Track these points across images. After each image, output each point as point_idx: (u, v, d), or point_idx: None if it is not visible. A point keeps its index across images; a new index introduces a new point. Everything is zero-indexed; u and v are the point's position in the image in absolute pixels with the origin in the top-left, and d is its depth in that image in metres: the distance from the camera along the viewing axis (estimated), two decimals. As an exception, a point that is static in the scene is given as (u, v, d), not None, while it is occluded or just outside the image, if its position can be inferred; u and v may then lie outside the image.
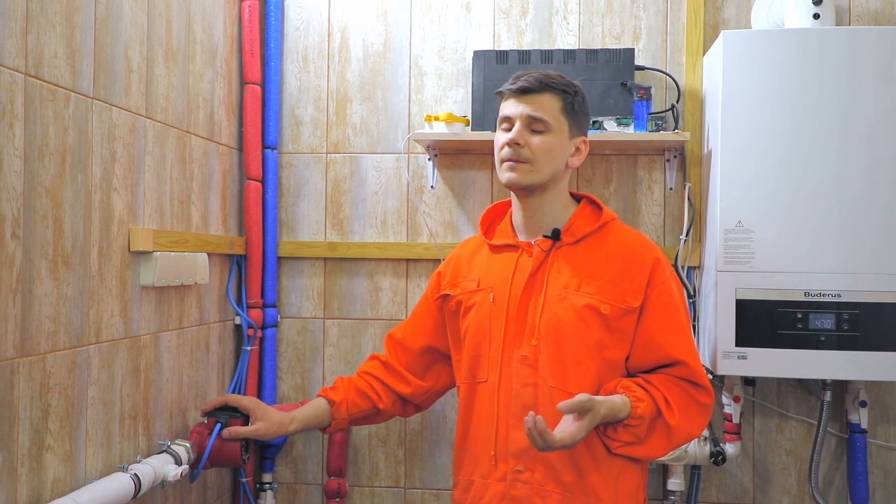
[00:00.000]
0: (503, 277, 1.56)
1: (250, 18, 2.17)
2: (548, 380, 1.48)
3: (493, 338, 1.54)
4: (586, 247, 1.55)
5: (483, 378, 1.55)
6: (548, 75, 1.53)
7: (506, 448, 1.49)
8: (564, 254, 1.54)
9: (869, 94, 1.86)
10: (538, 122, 1.51)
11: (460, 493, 1.58)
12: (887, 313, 1.85)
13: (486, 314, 1.56)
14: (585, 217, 1.59)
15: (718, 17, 2.17)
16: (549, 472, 1.46)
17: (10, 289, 1.27)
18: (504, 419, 1.50)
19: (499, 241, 1.63)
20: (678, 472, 2.10)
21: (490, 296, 1.56)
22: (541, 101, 1.51)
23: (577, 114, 1.56)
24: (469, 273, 1.65)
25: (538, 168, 1.51)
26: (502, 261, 1.60)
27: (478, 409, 1.56)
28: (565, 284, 1.51)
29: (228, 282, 2.15)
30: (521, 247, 1.58)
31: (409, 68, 2.27)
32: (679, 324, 1.52)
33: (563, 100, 1.53)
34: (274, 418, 1.73)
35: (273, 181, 2.25)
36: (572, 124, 1.55)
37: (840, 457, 2.12)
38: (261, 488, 2.25)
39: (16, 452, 1.29)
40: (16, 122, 1.28)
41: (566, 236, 1.55)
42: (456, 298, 1.64)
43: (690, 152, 2.14)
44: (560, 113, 1.52)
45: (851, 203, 1.87)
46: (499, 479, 1.50)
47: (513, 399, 1.50)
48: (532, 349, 1.49)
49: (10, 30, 1.27)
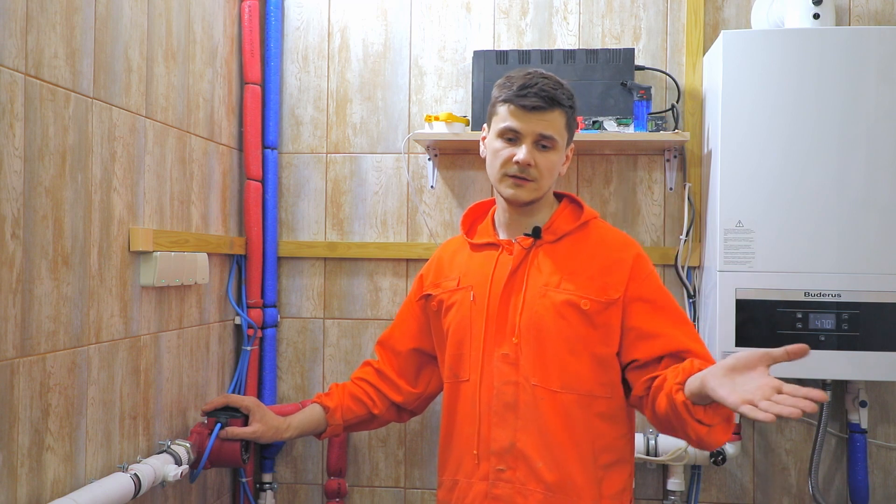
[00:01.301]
0: (483, 276, 1.56)
1: (250, 18, 2.17)
2: (530, 378, 1.47)
3: (473, 336, 1.54)
4: (567, 245, 1.55)
5: (465, 377, 1.55)
6: (553, 88, 1.49)
7: (488, 447, 1.49)
8: (545, 252, 1.54)
9: (869, 94, 1.86)
10: (547, 140, 1.49)
11: (445, 493, 1.58)
12: (887, 313, 1.85)
13: (467, 313, 1.56)
14: (567, 216, 1.59)
15: (718, 17, 2.17)
16: (530, 471, 1.46)
17: (10, 289, 1.27)
18: (486, 418, 1.50)
19: (480, 240, 1.63)
20: (678, 472, 2.10)
21: (470, 294, 1.56)
22: (551, 119, 1.48)
23: (573, 125, 1.56)
24: (450, 273, 1.65)
25: (542, 185, 1.52)
26: (482, 259, 1.60)
27: (461, 408, 1.56)
28: (545, 282, 1.51)
29: (228, 282, 2.15)
30: (501, 245, 1.58)
31: (409, 68, 2.27)
32: (674, 310, 1.50)
33: (567, 115, 1.52)
34: (272, 422, 1.73)
35: (273, 181, 2.25)
36: (569, 137, 1.56)
37: (840, 457, 2.12)
38: (261, 488, 2.25)
39: (16, 452, 1.29)
40: (16, 122, 1.28)
41: (547, 234, 1.55)
42: (437, 298, 1.64)
43: (690, 152, 2.14)
44: (564, 129, 1.52)
45: (851, 203, 1.87)
46: (481, 478, 1.50)
47: (494, 398, 1.50)
48: (513, 347, 1.49)
49: (10, 30, 1.27)
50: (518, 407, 1.46)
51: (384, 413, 1.75)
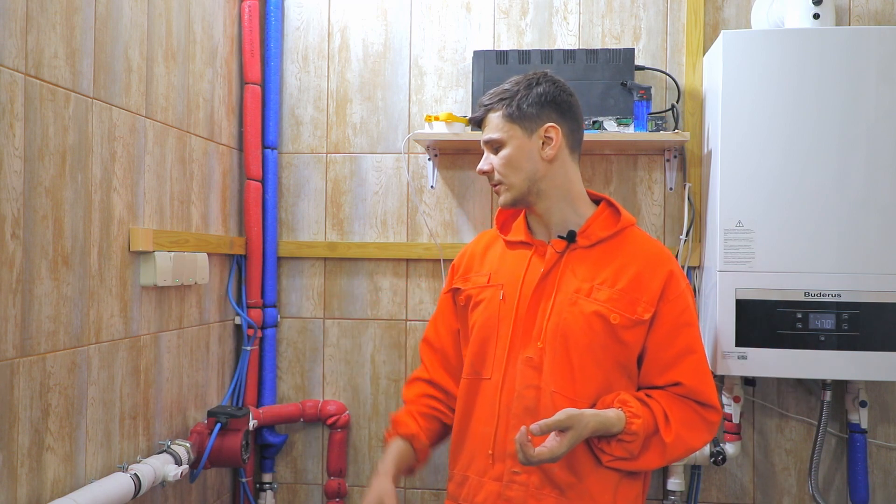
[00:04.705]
0: (515, 275, 1.55)
1: (250, 18, 2.17)
2: (550, 384, 1.47)
3: (500, 336, 1.53)
4: (601, 251, 1.52)
5: (487, 375, 1.54)
6: (491, 93, 1.55)
7: (504, 448, 1.49)
8: (578, 257, 1.52)
9: (869, 94, 1.86)
10: (494, 143, 1.54)
11: (455, 486, 1.57)
12: (887, 313, 1.85)
13: (495, 311, 1.55)
14: (603, 221, 1.55)
15: (718, 17, 2.17)
16: (545, 475, 1.45)
17: (10, 289, 1.27)
18: (504, 419, 1.50)
19: (513, 238, 1.61)
20: (678, 472, 2.10)
21: (500, 293, 1.55)
22: (487, 123, 1.55)
23: (525, 110, 1.51)
24: (481, 267, 1.63)
25: (510, 183, 1.52)
26: (515, 258, 1.58)
27: (479, 405, 1.55)
28: (577, 289, 1.49)
29: (228, 282, 2.15)
30: (534, 245, 1.57)
31: (409, 68, 2.27)
32: (686, 345, 1.49)
33: (503, 109, 1.52)
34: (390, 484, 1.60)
35: (273, 181, 2.25)
36: (523, 122, 1.52)
37: (840, 457, 2.12)
38: (261, 488, 2.25)
39: (16, 452, 1.29)
40: (16, 122, 1.28)
41: (581, 239, 1.53)
42: (465, 293, 1.62)
43: (690, 152, 2.14)
44: (505, 122, 1.52)
45: (851, 203, 1.87)
46: (495, 478, 1.49)
47: (515, 400, 1.49)
48: (538, 351, 1.48)
49: (10, 30, 1.27)
50: (538, 412, 1.45)
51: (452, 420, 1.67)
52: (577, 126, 1.55)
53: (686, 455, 1.49)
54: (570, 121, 1.53)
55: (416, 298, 2.25)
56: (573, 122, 1.54)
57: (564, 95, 1.53)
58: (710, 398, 1.48)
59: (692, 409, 1.47)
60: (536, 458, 1.33)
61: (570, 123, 1.53)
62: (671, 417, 1.44)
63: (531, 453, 1.32)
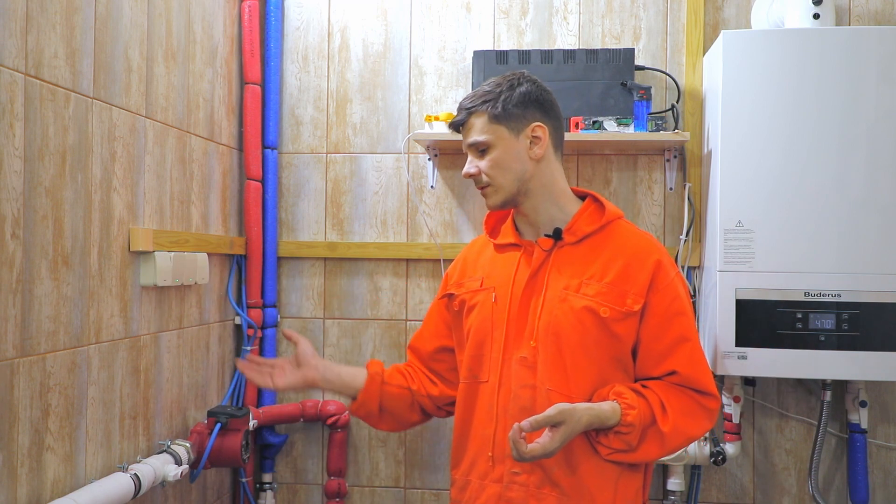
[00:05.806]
0: (505, 277, 1.56)
1: (250, 18, 2.17)
2: (545, 382, 1.47)
3: (494, 338, 1.54)
4: (588, 247, 1.53)
5: (484, 378, 1.54)
6: (472, 96, 1.54)
7: (503, 450, 1.49)
8: (566, 254, 1.53)
9: (869, 94, 1.86)
10: (480, 145, 1.53)
11: (457, 491, 1.58)
12: (887, 313, 1.85)
13: (489, 314, 1.56)
14: (588, 216, 1.56)
15: (718, 17, 2.17)
16: (545, 475, 1.46)
17: (10, 289, 1.27)
18: (502, 420, 1.50)
19: (502, 241, 1.62)
20: (678, 472, 2.10)
21: (492, 295, 1.56)
22: (470, 126, 1.54)
23: (510, 110, 1.51)
24: (474, 273, 1.64)
25: (498, 185, 1.52)
26: (505, 260, 1.59)
27: (478, 409, 1.55)
28: (565, 285, 1.50)
29: (228, 282, 2.15)
30: (523, 246, 1.58)
31: (409, 68, 2.27)
32: (680, 333, 1.49)
33: (487, 111, 1.51)
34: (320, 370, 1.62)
35: (273, 181, 2.25)
36: (509, 123, 1.51)
37: (840, 457, 2.12)
38: (261, 488, 2.25)
39: (16, 452, 1.29)
40: (16, 122, 1.28)
41: (568, 235, 1.54)
42: (459, 298, 1.63)
43: (690, 152, 2.14)
44: (490, 124, 1.51)
45: (851, 203, 1.87)
46: (495, 480, 1.49)
47: (511, 401, 1.49)
48: (531, 351, 1.49)
49: (10, 30, 1.27)
50: (535, 411, 1.45)
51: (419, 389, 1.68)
52: (560, 124, 1.57)
53: (686, 444, 1.49)
54: (553, 119, 1.55)
55: (416, 298, 2.25)
56: (556, 121, 1.56)
57: (546, 94, 1.55)
58: (706, 385, 1.47)
59: (689, 398, 1.47)
60: (529, 454, 1.33)
61: (554, 122, 1.55)
62: (668, 407, 1.44)
63: (524, 450, 1.33)
